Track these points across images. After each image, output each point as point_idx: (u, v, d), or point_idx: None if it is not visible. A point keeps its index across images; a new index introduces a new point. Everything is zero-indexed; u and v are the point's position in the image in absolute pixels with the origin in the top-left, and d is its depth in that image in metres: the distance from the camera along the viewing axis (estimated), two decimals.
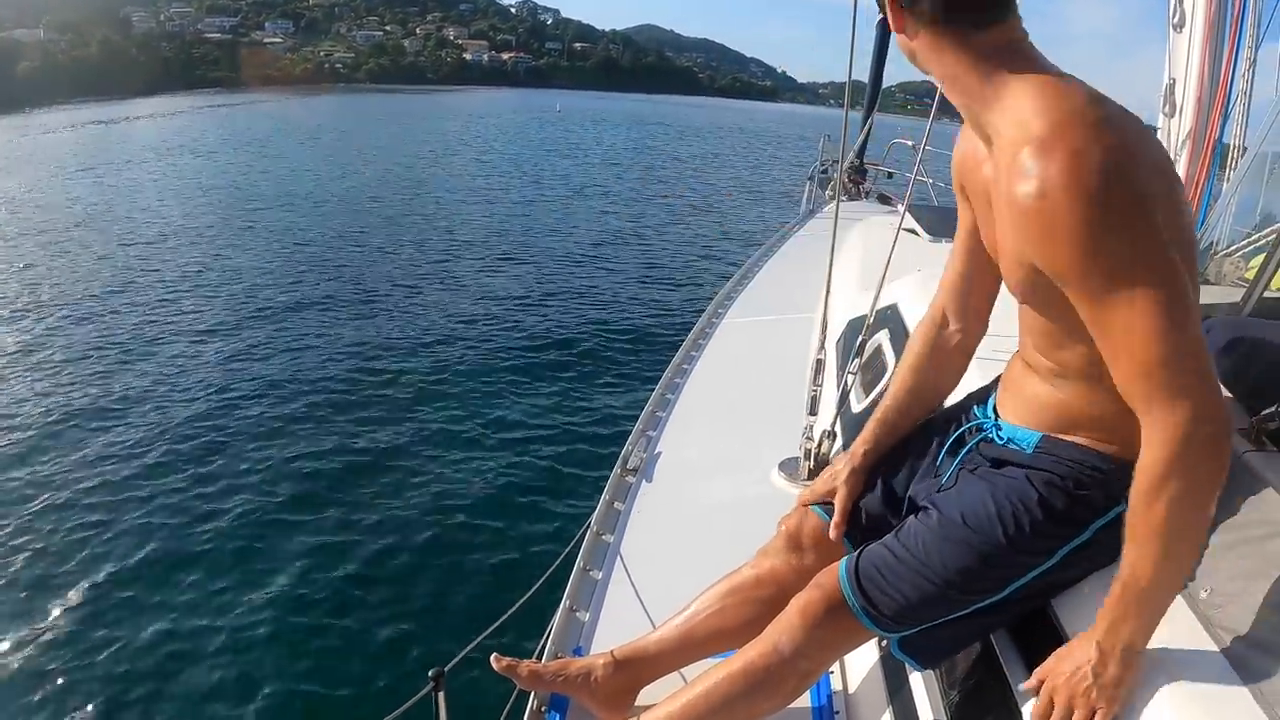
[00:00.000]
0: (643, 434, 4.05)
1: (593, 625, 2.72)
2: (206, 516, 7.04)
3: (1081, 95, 1.52)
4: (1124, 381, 1.52)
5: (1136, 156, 1.46)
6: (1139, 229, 1.43)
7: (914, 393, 2.19)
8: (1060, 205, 1.42)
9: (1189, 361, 1.44)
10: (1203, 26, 4.26)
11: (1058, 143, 1.44)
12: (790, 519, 2.22)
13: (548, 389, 10.22)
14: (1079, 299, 1.52)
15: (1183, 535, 1.49)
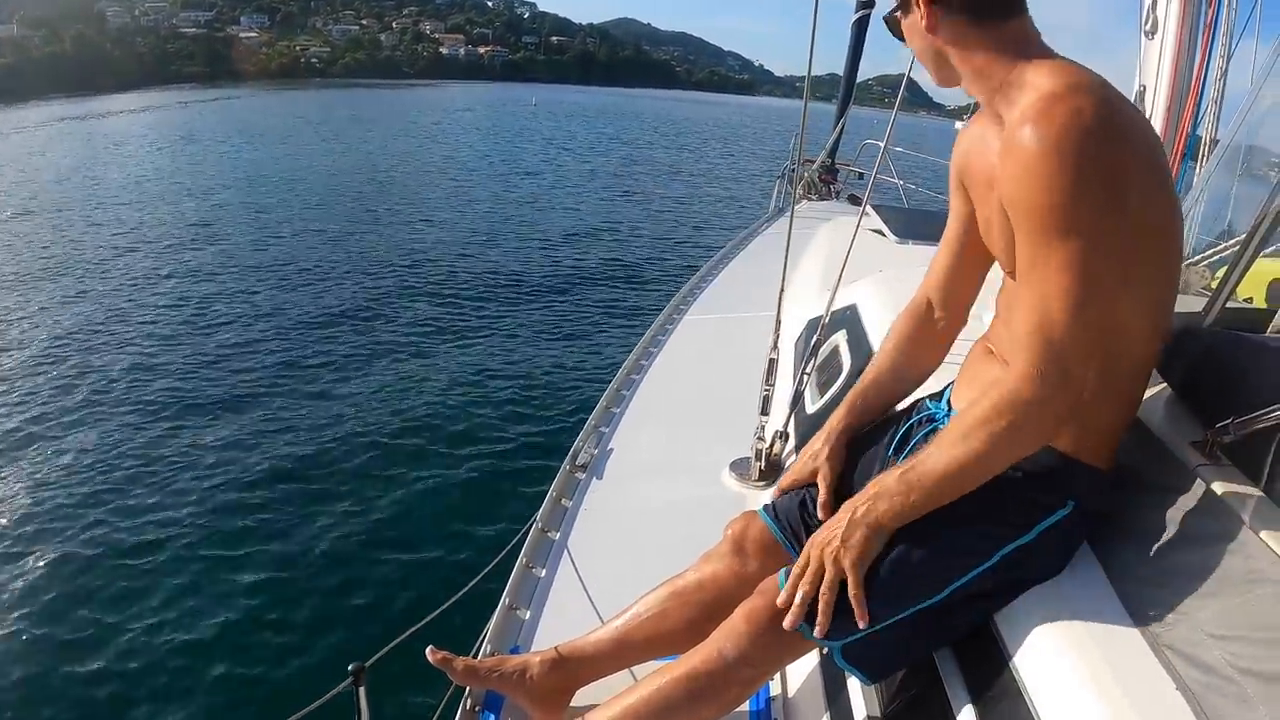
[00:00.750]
0: (595, 430, 4.02)
1: (533, 624, 2.68)
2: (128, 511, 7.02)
3: (1094, 75, 1.59)
4: (1018, 325, 1.61)
5: (1128, 137, 1.53)
6: (1101, 201, 1.50)
7: (894, 373, 2.22)
8: (1043, 149, 1.49)
9: (1074, 345, 1.53)
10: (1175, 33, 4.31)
11: (1061, 101, 1.51)
12: (736, 524, 2.21)
13: (502, 381, 10.26)
14: (1021, 237, 1.59)
15: (977, 463, 1.61)
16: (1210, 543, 1.56)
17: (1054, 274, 1.53)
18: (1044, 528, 1.71)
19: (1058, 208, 1.50)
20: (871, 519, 1.70)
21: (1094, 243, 1.50)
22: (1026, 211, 1.55)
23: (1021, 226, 1.58)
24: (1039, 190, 1.51)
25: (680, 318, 5.75)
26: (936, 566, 1.73)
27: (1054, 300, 1.52)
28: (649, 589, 2.25)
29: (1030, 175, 1.51)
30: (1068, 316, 1.51)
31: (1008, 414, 1.57)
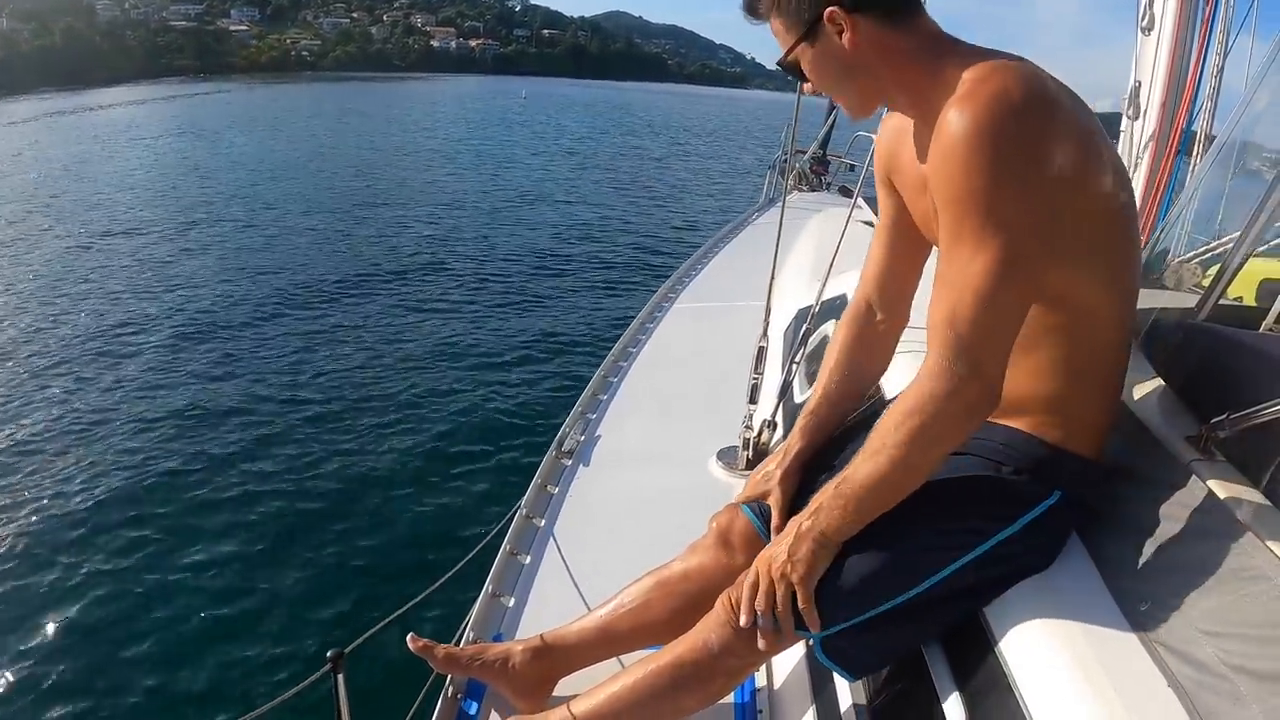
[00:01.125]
0: (581, 417, 4.00)
1: (516, 612, 2.65)
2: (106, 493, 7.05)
3: (1021, 65, 1.56)
4: (933, 308, 1.57)
5: (1055, 115, 1.50)
6: (1019, 189, 1.48)
7: (843, 386, 2.16)
8: (964, 132, 1.46)
9: (993, 330, 1.51)
10: (1171, 29, 4.26)
11: (983, 83, 1.49)
12: (721, 517, 2.18)
13: (488, 368, 10.25)
14: (942, 224, 1.56)
15: (907, 463, 1.58)
16: (1204, 538, 1.55)
17: (967, 260, 1.50)
18: (1029, 520, 1.69)
19: (977, 191, 1.47)
20: (816, 533, 1.68)
21: (1013, 225, 1.48)
22: (947, 199, 1.53)
23: (943, 213, 1.56)
24: (959, 175, 1.48)
25: (669, 306, 5.73)
26: (916, 559, 1.70)
27: (965, 290, 1.50)
28: (634, 578, 2.23)
29: (951, 160, 1.49)
30: (978, 305, 1.49)
31: (918, 414, 1.55)
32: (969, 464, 1.75)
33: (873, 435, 1.63)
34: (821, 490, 1.71)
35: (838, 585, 1.71)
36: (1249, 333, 2.17)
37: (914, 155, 1.82)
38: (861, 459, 1.63)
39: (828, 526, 1.67)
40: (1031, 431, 1.74)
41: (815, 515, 1.69)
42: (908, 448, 1.56)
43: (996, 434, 1.76)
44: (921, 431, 1.55)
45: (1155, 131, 4.40)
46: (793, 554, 1.69)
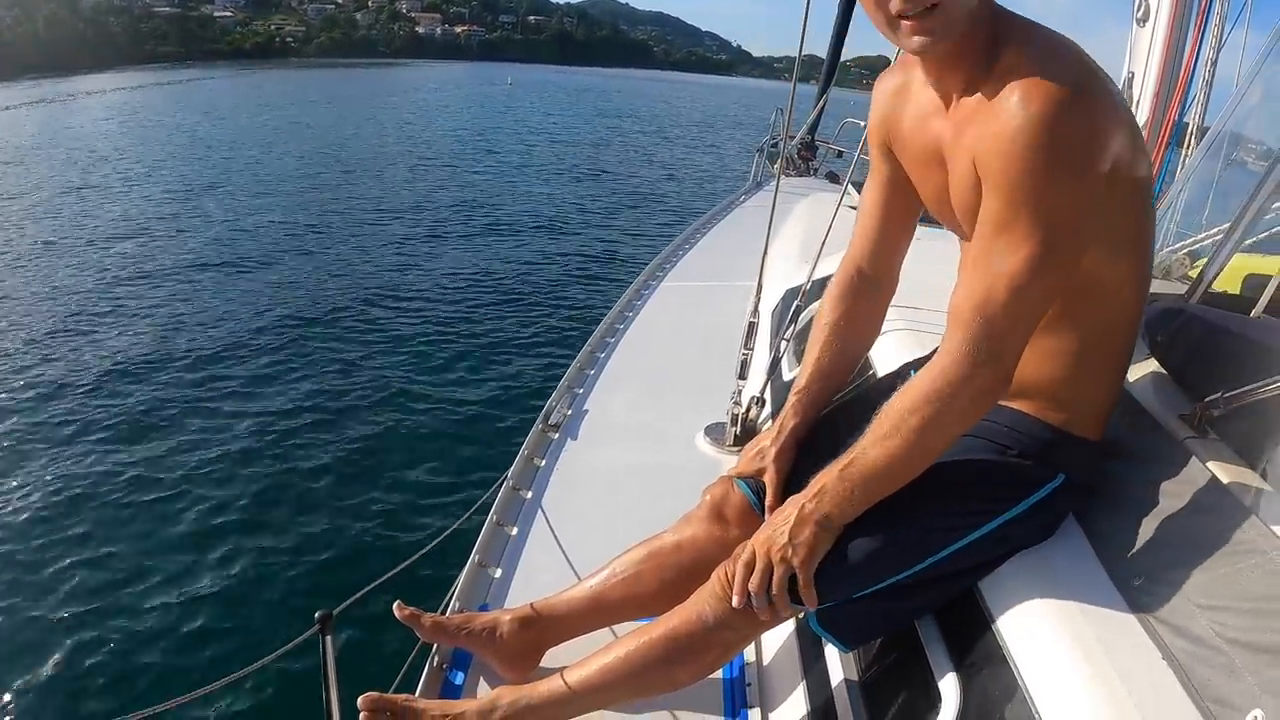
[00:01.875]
0: (568, 391, 3.99)
1: (503, 583, 2.65)
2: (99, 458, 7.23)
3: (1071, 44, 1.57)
4: (959, 296, 1.58)
5: (1110, 118, 1.50)
6: (1074, 186, 1.48)
7: (834, 360, 2.14)
8: (1031, 123, 1.45)
9: (1020, 321, 1.53)
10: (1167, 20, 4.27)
11: (1049, 74, 1.48)
12: (715, 489, 2.15)
13: (476, 344, 10.38)
14: (987, 205, 1.56)
15: (920, 447, 1.60)
16: (1198, 514, 1.57)
17: (1009, 250, 1.51)
18: (1034, 501, 1.71)
19: (1034, 184, 1.48)
20: (820, 515, 1.68)
21: (1060, 222, 1.49)
22: (999, 185, 1.53)
23: (991, 197, 1.55)
24: (1018, 163, 1.48)
25: (656, 284, 5.73)
26: (919, 538, 1.71)
27: (1001, 279, 1.51)
28: (621, 550, 2.22)
29: (1013, 146, 1.48)
30: (1012, 296, 1.51)
31: (936, 399, 1.56)
32: (975, 446, 1.77)
33: (883, 418, 1.64)
34: (825, 472, 1.71)
35: (840, 562, 1.72)
36: (1240, 316, 2.23)
37: (919, 121, 1.83)
38: (871, 442, 1.64)
39: (832, 509, 1.68)
40: (1037, 415, 1.77)
41: (819, 498, 1.69)
42: (922, 433, 1.58)
43: (1003, 416, 1.79)
44: (937, 417, 1.57)
45: (1148, 122, 4.41)
46: (794, 537, 1.69)
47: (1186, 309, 2.24)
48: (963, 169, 1.66)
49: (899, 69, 1.95)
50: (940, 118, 1.75)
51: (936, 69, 1.71)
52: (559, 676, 2.00)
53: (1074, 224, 1.50)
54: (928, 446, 1.61)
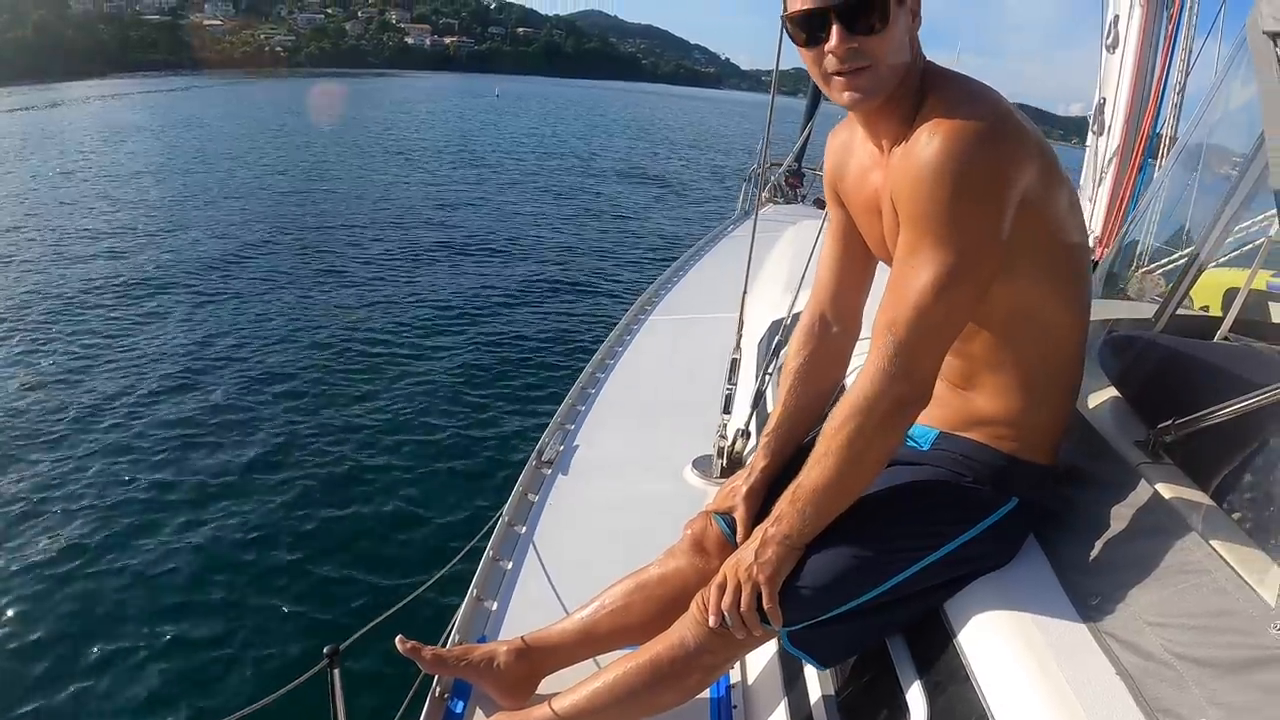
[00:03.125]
0: (560, 427, 4.06)
1: (500, 615, 2.72)
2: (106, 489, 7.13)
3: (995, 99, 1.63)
4: (879, 315, 1.67)
5: (1018, 154, 1.59)
6: (976, 215, 1.57)
7: (802, 403, 2.20)
8: (935, 158, 1.54)
9: (927, 337, 1.61)
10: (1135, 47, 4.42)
11: (957, 113, 1.57)
12: (695, 524, 2.23)
13: (467, 379, 10.20)
14: (902, 237, 1.66)
15: (851, 462, 1.68)
16: (1150, 536, 1.63)
17: (915, 273, 1.60)
18: (989, 524, 1.79)
19: (937, 213, 1.57)
20: (779, 537, 1.78)
21: (962, 248, 1.57)
22: (909, 216, 1.63)
23: (904, 228, 1.65)
24: (924, 196, 1.57)
25: (646, 318, 5.78)
26: (881, 560, 1.79)
27: (908, 300, 1.61)
28: (612, 582, 2.29)
29: (919, 182, 1.58)
30: (918, 315, 1.59)
31: (856, 415, 1.65)
32: (932, 474, 1.86)
33: (819, 440, 1.74)
34: (782, 498, 1.82)
35: (808, 585, 1.80)
36: (1199, 343, 2.30)
37: (860, 175, 1.93)
38: (812, 463, 1.74)
39: (790, 530, 1.77)
40: (988, 443, 1.84)
41: (778, 521, 1.79)
42: (849, 449, 1.67)
43: (957, 445, 1.87)
44: (859, 432, 1.65)
45: (1120, 146, 4.53)
46: (758, 557, 1.80)
47: (1144, 337, 2.33)
48: (889, 212, 1.77)
49: (846, 125, 2.04)
50: (878, 170, 1.84)
51: (869, 121, 1.82)
52: (549, 704, 2.12)
53: (977, 248, 1.59)
54: (858, 460, 1.69)
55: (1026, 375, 1.81)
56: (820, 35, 1.65)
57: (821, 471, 1.71)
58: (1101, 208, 4.81)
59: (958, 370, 1.88)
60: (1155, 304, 2.67)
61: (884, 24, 1.62)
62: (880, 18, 1.62)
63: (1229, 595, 1.42)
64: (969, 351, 1.83)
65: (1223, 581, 1.45)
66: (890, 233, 1.78)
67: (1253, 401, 1.62)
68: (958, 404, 1.90)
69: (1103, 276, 3.36)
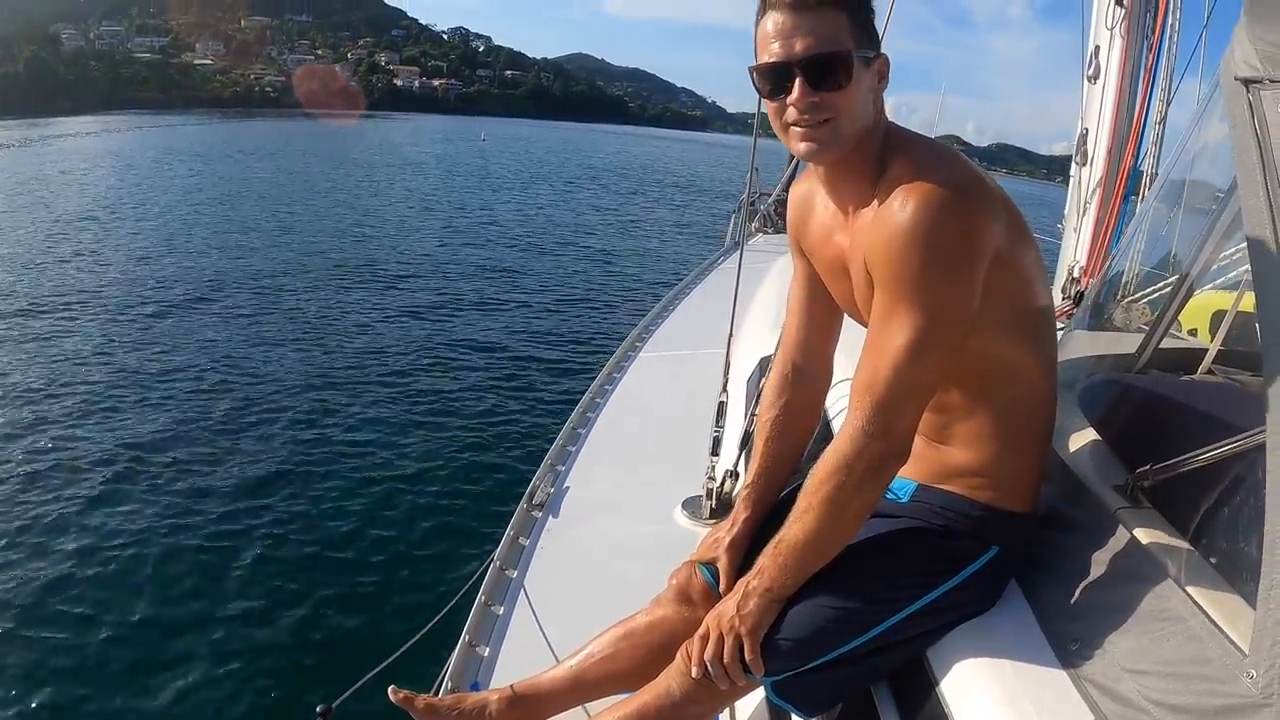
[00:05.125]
0: (551, 469, 4.02)
1: (492, 661, 2.70)
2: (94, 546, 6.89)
3: (961, 162, 1.69)
4: (857, 375, 1.70)
5: (987, 215, 1.63)
6: (948, 279, 1.60)
7: (779, 455, 2.22)
8: (907, 224, 1.58)
9: (905, 397, 1.64)
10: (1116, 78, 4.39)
11: (927, 179, 1.61)
12: (680, 573, 2.23)
13: (458, 422, 10.07)
14: (877, 298, 1.69)
15: (831, 518, 1.71)
16: (1128, 582, 1.63)
17: (891, 335, 1.63)
18: (970, 572, 1.80)
19: (911, 277, 1.60)
20: (761, 590, 1.80)
21: (936, 310, 1.61)
22: (883, 279, 1.65)
23: (879, 291, 1.68)
24: (897, 261, 1.61)
25: (635, 355, 5.74)
26: (862, 611, 1.80)
27: (885, 362, 1.63)
28: (603, 626, 2.29)
29: (892, 247, 1.61)
30: (894, 375, 1.62)
31: (836, 474, 1.68)
32: (912, 525, 1.88)
33: (800, 496, 1.76)
34: (764, 551, 1.84)
35: (788, 635, 1.81)
36: (1179, 382, 2.31)
37: (823, 235, 1.96)
38: (793, 519, 1.76)
39: (772, 584, 1.79)
40: (966, 494, 1.85)
41: (760, 574, 1.81)
42: (829, 505, 1.70)
43: (935, 497, 1.89)
44: (839, 490, 1.68)
45: (1103, 176, 4.51)
46: (740, 609, 1.82)
47: (1124, 379, 2.33)
48: (859, 273, 1.79)
49: (806, 178, 2.06)
50: (841, 231, 1.87)
51: (830, 179, 1.86)
52: None
53: (950, 311, 1.62)
54: (838, 517, 1.71)
55: (999, 425, 1.84)
56: (785, 86, 1.69)
57: (803, 527, 1.74)
58: (1086, 238, 4.83)
59: (932, 424, 1.90)
60: (1142, 332, 2.61)
61: (847, 81, 1.66)
62: (845, 75, 1.66)
63: (1203, 643, 1.42)
64: (942, 404, 1.86)
65: (1197, 629, 1.45)
66: (861, 293, 1.83)
67: (1230, 447, 1.60)
68: (933, 456, 1.92)
69: (1089, 307, 3.40)
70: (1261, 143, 1.59)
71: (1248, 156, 1.60)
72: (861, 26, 1.69)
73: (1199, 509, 1.70)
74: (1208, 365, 2.49)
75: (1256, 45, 1.72)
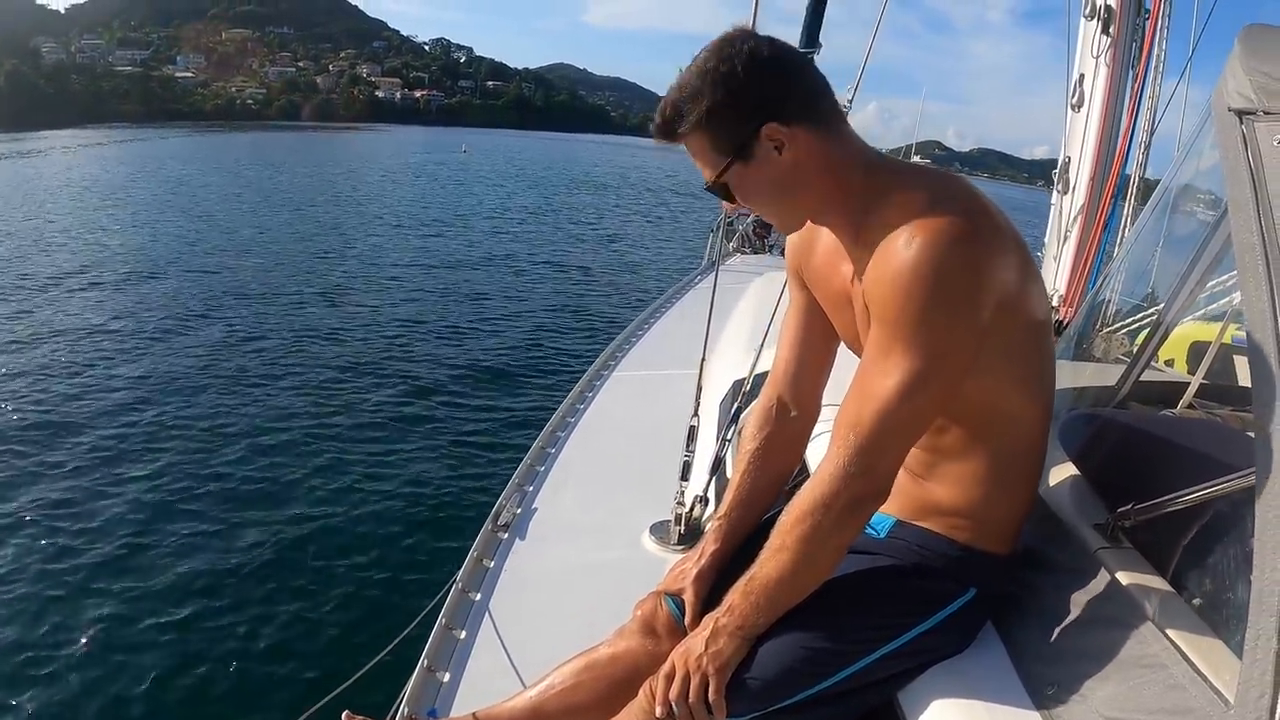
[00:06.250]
0: (518, 488, 3.93)
1: (452, 687, 2.63)
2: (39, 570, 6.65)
3: (957, 184, 1.64)
4: (842, 411, 1.64)
5: (993, 260, 1.55)
6: (948, 325, 1.54)
7: (756, 487, 2.19)
8: (910, 267, 1.50)
9: (890, 439, 1.59)
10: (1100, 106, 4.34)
11: (932, 218, 1.52)
12: (645, 605, 2.17)
13: (425, 440, 9.82)
14: (873, 335, 1.62)
15: (806, 557, 1.66)
16: (1107, 626, 1.60)
17: (883, 374, 1.57)
18: (945, 615, 1.77)
19: (910, 320, 1.53)
20: (730, 629, 1.76)
21: (932, 355, 1.54)
22: (881, 318, 1.59)
23: (875, 328, 1.61)
24: (898, 302, 1.53)
25: (608, 374, 5.63)
26: (832, 652, 1.76)
27: (873, 400, 1.57)
28: (567, 653, 2.24)
29: (894, 288, 1.54)
30: (881, 416, 1.57)
31: (813, 512, 1.62)
32: (887, 563, 1.83)
33: (774, 532, 1.70)
34: (734, 588, 1.78)
35: (756, 675, 1.77)
36: (1160, 418, 2.29)
37: (829, 264, 1.90)
38: (767, 556, 1.71)
39: (742, 622, 1.74)
40: (945, 533, 1.81)
41: (729, 613, 1.76)
42: (806, 543, 1.64)
43: (912, 535, 1.84)
44: (816, 529, 1.62)
45: (1084, 205, 4.47)
46: (708, 648, 1.76)
47: (1103, 415, 2.28)
48: (860, 308, 1.74)
49: None
50: (847, 262, 1.81)
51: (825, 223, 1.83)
52: None
53: (948, 355, 1.56)
54: (813, 556, 1.67)
55: (989, 467, 1.78)
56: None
57: (776, 565, 1.69)
58: (1066, 267, 4.76)
59: (919, 460, 1.85)
60: (1122, 363, 2.58)
61: (739, 192, 1.70)
62: (734, 189, 1.69)
63: (1186, 691, 1.39)
64: (933, 443, 1.80)
65: (1179, 677, 1.41)
66: (862, 325, 1.76)
67: (1216, 489, 1.56)
68: (916, 493, 1.87)
69: (1070, 338, 3.35)
70: (1255, 175, 1.55)
71: (1240, 189, 1.56)
72: (722, 126, 1.63)
73: (1181, 550, 1.69)
74: (1189, 400, 2.46)
75: (1251, 77, 1.67)
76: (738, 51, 1.59)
